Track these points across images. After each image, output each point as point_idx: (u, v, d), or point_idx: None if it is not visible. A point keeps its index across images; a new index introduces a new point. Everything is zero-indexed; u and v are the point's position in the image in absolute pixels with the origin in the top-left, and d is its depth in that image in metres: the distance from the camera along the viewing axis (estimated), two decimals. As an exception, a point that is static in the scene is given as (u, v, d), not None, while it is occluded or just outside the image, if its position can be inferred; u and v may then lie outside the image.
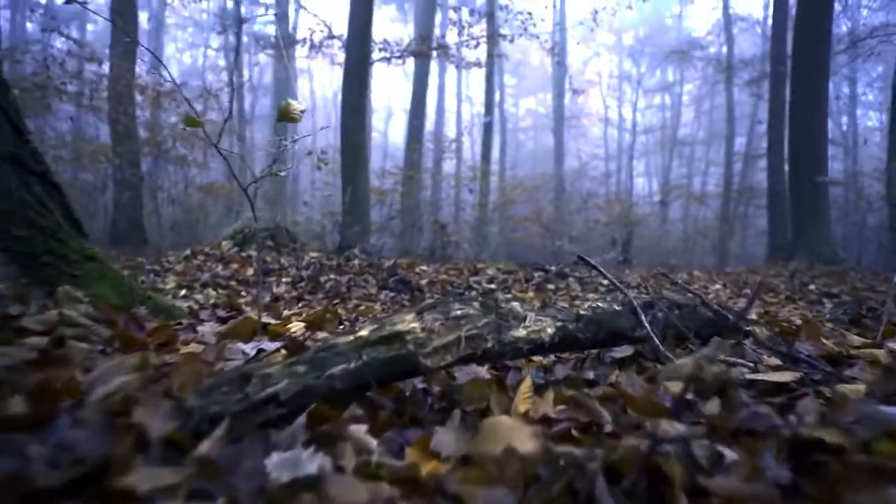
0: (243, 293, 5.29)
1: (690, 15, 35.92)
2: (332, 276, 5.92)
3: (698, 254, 22.25)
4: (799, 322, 3.35)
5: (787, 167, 18.14)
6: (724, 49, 26.67)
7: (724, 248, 22.20)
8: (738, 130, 28.32)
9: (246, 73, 32.31)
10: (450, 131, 31.26)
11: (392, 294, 5.53)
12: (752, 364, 1.79)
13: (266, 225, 7.28)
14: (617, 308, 1.86)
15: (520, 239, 19.49)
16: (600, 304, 1.99)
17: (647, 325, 1.77)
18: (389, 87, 40.83)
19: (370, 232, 12.44)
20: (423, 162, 18.48)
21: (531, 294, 5.73)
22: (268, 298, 5.18)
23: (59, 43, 15.92)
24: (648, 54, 31.09)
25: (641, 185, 35.11)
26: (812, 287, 7.18)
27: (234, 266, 6.20)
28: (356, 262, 5.98)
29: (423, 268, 6.72)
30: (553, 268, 6.99)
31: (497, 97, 32.97)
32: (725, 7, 26.69)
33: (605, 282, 6.64)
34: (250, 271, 5.92)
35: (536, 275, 6.69)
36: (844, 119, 30.12)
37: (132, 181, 14.17)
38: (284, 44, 16.30)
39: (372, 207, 16.91)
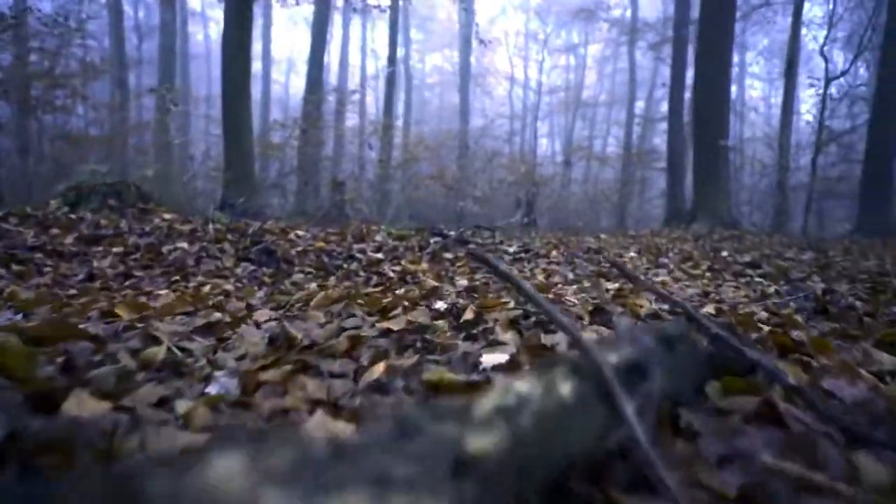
0: (47, 268, 4.02)
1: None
2: (180, 244, 4.70)
3: (599, 216, 21.95)
4: (765, 315, 2.49)
5: (688, 131, 17.93)
6: (629, 12, 26.18)
7: (623, 210, 21.96)
8: (639, 94, 28.15)
9: (130, 10, 29.48)
10: (353, 86, 29.64)
11: (252, 268, 4.39)
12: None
13: (109, 179, 5.90)
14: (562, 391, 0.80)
15: (423, 198, 18.46)
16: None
17: (631, 418, 0.74)
18: (292, 39, 38.46)
19: (256, 190, 11.07)
20: (323, 116, 16.99)
21: (424, 266, 4.73)
22: (81, 276, 3.94)
23: None
24: (555, 13, 30.28)
25: (545, 146, 34.67)
26: (725, 254, 6.52)
27: (54, 231, 4.86)
28: (212, 226, 4.75)
29: (300, 233, 5.58)
30: (452, 233, 6.00)
31: (402, 52, 31.55)
32: (630, -32, 26.17)
33: (511, 250, 5.71)
34: (70, 238, 4.62)
35: (433, 241, 5.69)
36: (734, 88, 30.46)
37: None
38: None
39: (266, 163, 15.45)
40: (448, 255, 5.24)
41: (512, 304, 2.27)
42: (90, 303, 3.16)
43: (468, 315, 2.07)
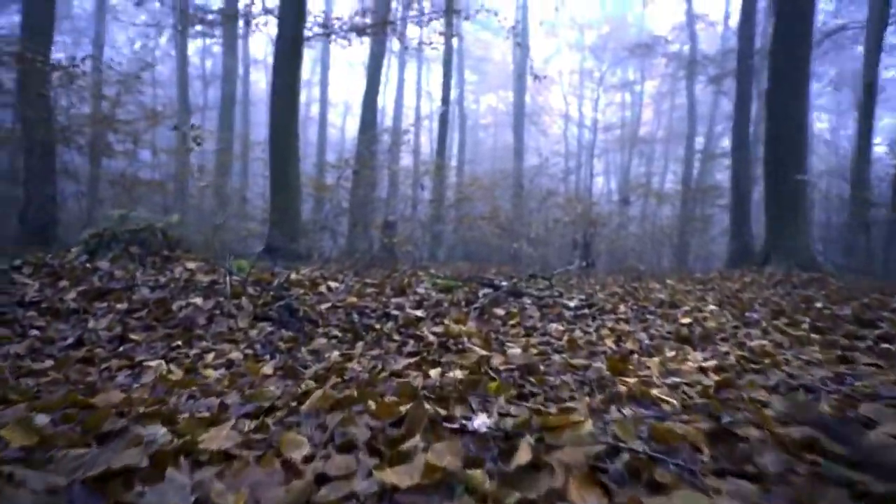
0: (34, 330, 3.43)
1: (652, 14, 34.57)
2: (193, 299, 4.07)
3: (659, 255, 20.82)
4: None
5: (755, 166, 16.79)
6: (686, 47, 25.27)
7: (684, 250, 20.79)
8: (698, 130, 27.02)
9: (197, 60, 30.08)
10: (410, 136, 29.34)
11: (270, 329, 3.71)
12: None
13: (134, 225, 5.36)
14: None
15: (476, 239, 17.75)
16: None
17: None
18: (348, 83, 38.78)
19: (303, 232, 10.55)
20: (376, 156, 16.54)
21: (471, 326, 3.96)
22: (69, 340, 3.32)
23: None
24: (610, 51, 29.54)
25: (601, 184, 33.68)
26: (819, 305, 5.54)
27: (63, 284, 4.30)
28: (228, 278, 4.11)
29: (333, 284, 4.89)
30: (504, 283, 5.22)
31: (456, 93, 31.26)
32: (689, 4, 25.31)
33: (572, 304, 4.90)
34: (73, 293, 4.03)
35: (482, 294, 4.93)
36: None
37: (45, 171, 12.05)
38: (224, 18, 14.22)
39: (319, 205, 15.01)
40: (499, 311, 4.47)
41: (588, 426, 1.49)
42: (49, 384, 2.53)
43: (523, 454, 1.30)
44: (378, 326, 3.83)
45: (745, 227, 15.83)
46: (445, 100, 17.81)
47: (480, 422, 1.56)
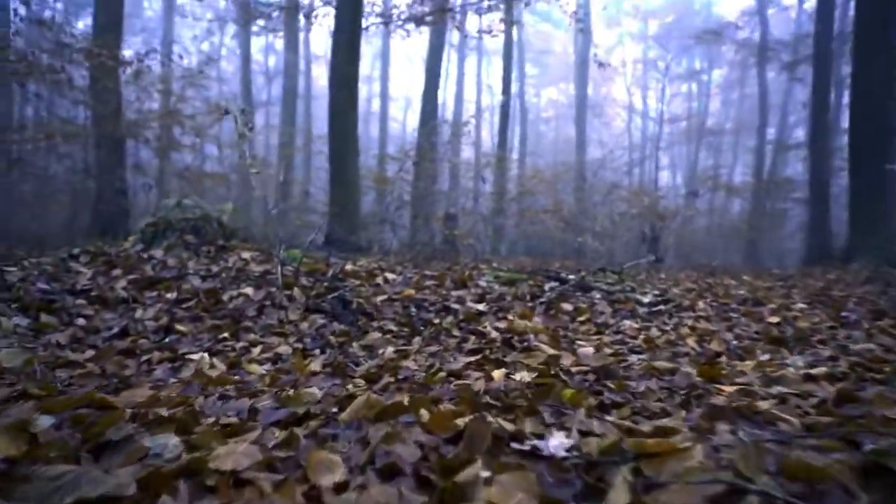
0: (81, 318, 3.28)
1: (719, 1, 33.23)
2: (245, 289, 3.86)
3: (727, 250, 19.90)
4: None
5: (834, 157, 15.82)
6: (757, 34, 24.07)
7: (754, 245, 19.81)
8: (770, 120, 25.77)
9: (260, 57, 30.48)
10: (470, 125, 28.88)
11: (322, 322, 3.46)
12: None
13: (190, 214, 5.22)
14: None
15: (538, 233, 17.31)
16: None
17: None
18: (409, 78, 38.67)
19: (359, 225, 10.37)
20: (436, 149, 16.25)
21: (537, 322, 3.63)
22: (114, 330, 3.15)
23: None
24: (676, 39, 28.49)
25: (666, 178, 32.60)
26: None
27: (115, 273, 4.17)
28: (280, 269, 3.88)
29: (390, 276, 4.63)
30: (571, 277, 4.86)
31: (517, 87, 30.77)
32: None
33: (645, 299, 4.50)
34: (124, 282, 3.88)
35: (548, 288, 4.58)
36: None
37: (115, 165, 12.25)
38: (284, 11, 14.18)
39: (377, 198, 14.85)
40: (567, 307, 4.12)
41: (697, 454, 1.15)
42: (82, 376, 2.33)
43: (619, 495, 0.98)
44: (437, 321, 3.54)
45: (824, 222, 14.91)
46: (506, 90, 17.38)
47: (557, 443, 1.24)
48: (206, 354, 2.74)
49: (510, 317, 3.74)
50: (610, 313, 4.09)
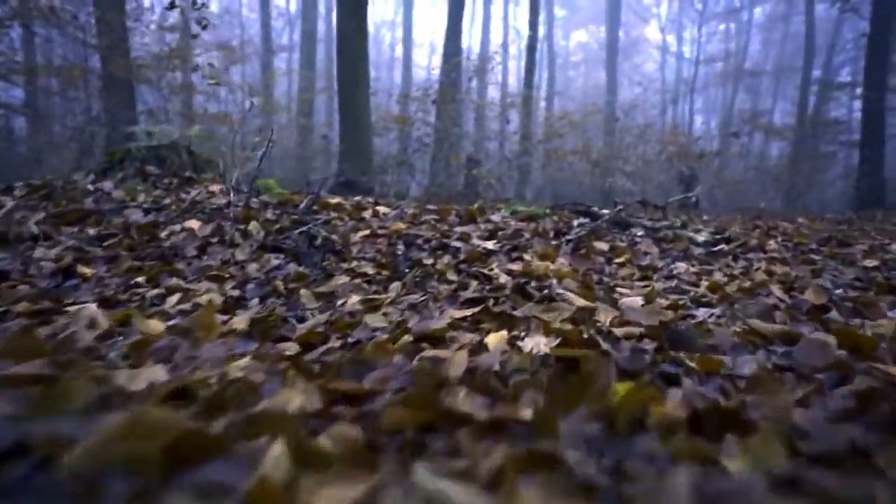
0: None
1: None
2: (191, 223, 2.99)
3: (766, 195, 18.55)
4: None
5: (890, 99, 14.38)
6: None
7: (797, 189, 18.42)
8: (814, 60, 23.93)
9: (282, 2, 29.25)
10: (496, 69, 27.32)
11: (277, 262, 2.58)
12: None
13: (156, 141, 4.34)
14: None
15: (566, 178, 16.20)
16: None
17: None
18: (433, 22, 37.06)
19: (372, 165, 9.44)
20: (460, 88, 15.06)
21: (562, 264, 2.72)
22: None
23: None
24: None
25: (700, 121, 30.86)
26: None
27: (52, 210, 3.32)
28: (232, 197, 2.99)
29: (383, 209, 3.71)
30: (606, 212, 3.91)
31: (545, 30, 29.15)
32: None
33: (700, 237, 3.54)
34: (38, 217, 3.04)
35: (577, 224, 3.64)
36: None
37: (125, 108, 11.45)
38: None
39: (400, 142, 13.83)
40: (601, 246, 3.18)
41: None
42: None
43: None
44: (430, 262, 2.63)
45: (877, 166, 13.56)
46: (533, 25, 15.99)
47: None
48: (94, 306, 1.88)
49: (527, 257, 2.83)
50: (657, 254, 3.15)
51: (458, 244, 2.94)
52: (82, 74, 12.35)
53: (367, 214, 3.47)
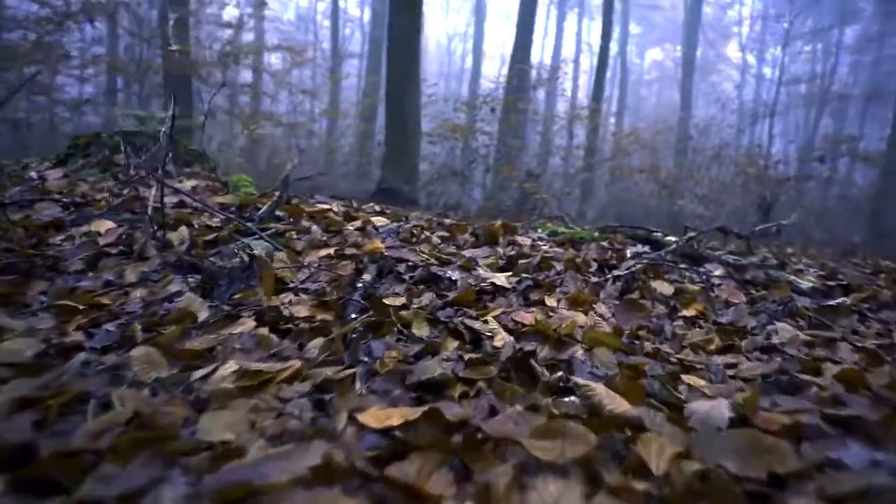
0: None
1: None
2: (104, 224, 2.19)
3: (848, 225, 16.76)
4: None
5: None
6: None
7: (883, 223, 16.57)
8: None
9: (357, 11, 29.01)
10: (565, 82, 26.15)
11: (177, 287, 1.73)
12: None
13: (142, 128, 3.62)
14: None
15: (632, 200, 14.94)
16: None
17: None
18: (505, 35, 36.23)
19: (416, 174, 8.61)
20: (525, 96, 14.07)
21: (601, 316, 1.78)
22: None
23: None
24: (802, -9, 24.78)
25: (777, 145, 28.79)
26: None
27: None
28: (153, 194, 2.17)
29: (382, 221, 2.81)
30: (673, 239, 2.91)
31: (618, 47, 27.91)
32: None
33: (804, 282, 2.51)
34: None
35: (631, 252, 2.67)
36: None
37: (183, 106, 11.04)
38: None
39: (451, 148, 12.96)
40: (661, 287, 2.20)
41: None
42: None
43: None
44: (398, 301, 1.73)
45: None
46: (606, 34, 14.83)
47: None
48: None
49: (551, 300, 1.89)
50: (744, 305, 2.15)
51: (454, 275, 2.03)
52: (144, 70, 12.03)
53: (353, 226, 2.59)
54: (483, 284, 1.98)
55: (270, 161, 13.65)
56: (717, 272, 2.57)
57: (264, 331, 1.43)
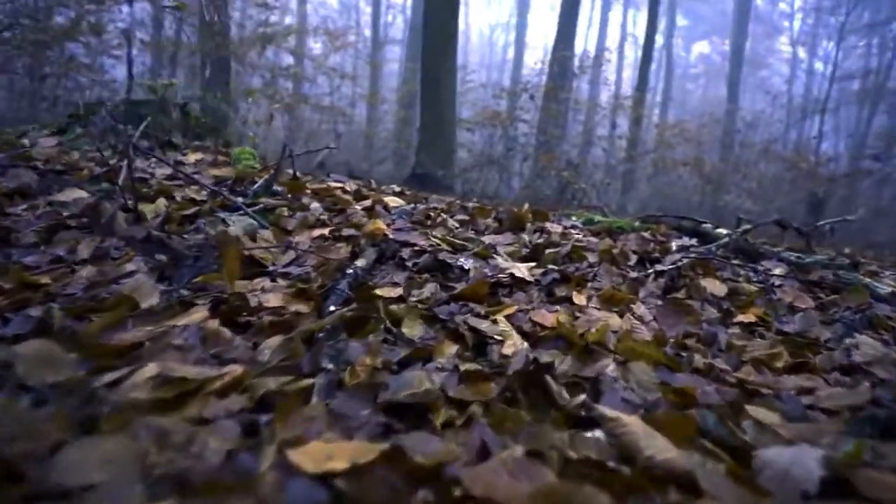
0: None
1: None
2: (73, 194, 1.93)
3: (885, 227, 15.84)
4: None
5: None
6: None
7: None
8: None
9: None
10: (609, 71, 25.30)
11: (133, 266, 1.44)
12: None
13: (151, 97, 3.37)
14: None
15: (675, 194, 14.33)
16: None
17: None
18: (548, 26, 35.52)
19: (453, 159, 8.28)
20: (566, 84, 13.57)
21: (639, 319, 1.43)
22: None
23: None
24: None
25: (827, 143, 27.55)
26: None
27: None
28: (124, 167, 1.89)
29: (396, 201, 2.50)
30: (724, 232, 2.53)
31: (663, 39, 27.03)
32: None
33: (884, 287, 2.11)
34: None
35: (676, 245, 2.32)
36: None
37: (221, 86, 10.96)
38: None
39: (491, 136, 12.55)
40: (712, 286, 1.85)
41: None
42: None
43: None
44: (392, 293, 1.42)
45: None
46: (652, 20, 14.21)
47: None
48: None
49: (579, 298, 1.56)
50: (813, 311, 1.78)
51: (467, 263, 1.71)
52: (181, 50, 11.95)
53: (360, 206, 2.29)
54: (500, 276, 1.66)
55: (308, 144, 13.49)
56: (777, 271, 2.20)
57: (214, 324, 1.14)
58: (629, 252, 2.14)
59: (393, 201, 2.46)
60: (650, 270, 1.95)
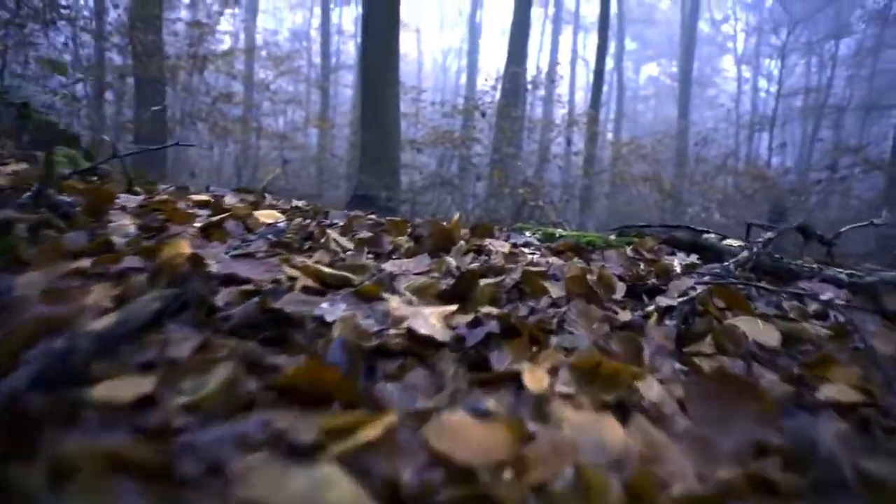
0: None
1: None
2: None
3: (859, 236, 15.63)
4: None
5: None
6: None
7: (885, 233, 15.46)
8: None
9: (352, 27, 28.08)
10: (562, 90, 24.85)
11: None
12: None
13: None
14: None
15: (635, 211, 13.76)
16: None
17: None
18: (503, 51, 35.41)
19: (397, 180, 7.50)
20: (518, 102, 12.94)
21: (658, 412, 0.61)
22: None
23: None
24: (799, 3, 23.79)
25: (776, 158, 27.63)
26: None
27: None
28: None
29: (266, 215, 1.70)
30: (735, 244, 1.77)
31: (613, 62, 26.97)
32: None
33: None
34: None
35: (679, 264, 1.56)
36: None
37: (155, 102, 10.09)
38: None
39: (442, 156, 11.79)
40: (758, 332, 1.08)
41: None
42: None
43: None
44: (104, 391, 0.59)
45: None
46: (602, 34, 13.70)
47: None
48: None
49: (535, 374, 0.75)
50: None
51: (332, 313, 0.90)
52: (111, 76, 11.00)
53: (199, 224, 1.47)
54: (387, 335, 0.85)
55: (254, 174, 12.66)
56: (826, 296, 1.45)
57: None
58: (612, 279, 1.36)
59: (264, 215, 1.65)
60: (650, 307, 1.17)
